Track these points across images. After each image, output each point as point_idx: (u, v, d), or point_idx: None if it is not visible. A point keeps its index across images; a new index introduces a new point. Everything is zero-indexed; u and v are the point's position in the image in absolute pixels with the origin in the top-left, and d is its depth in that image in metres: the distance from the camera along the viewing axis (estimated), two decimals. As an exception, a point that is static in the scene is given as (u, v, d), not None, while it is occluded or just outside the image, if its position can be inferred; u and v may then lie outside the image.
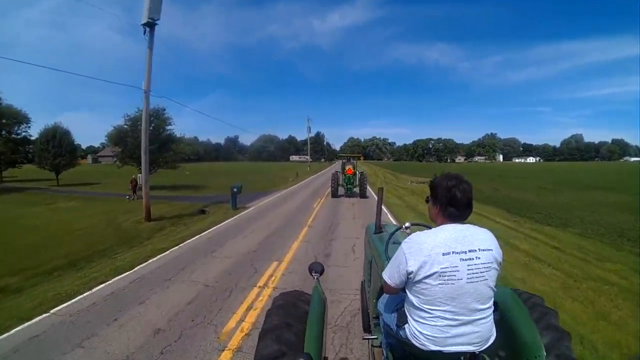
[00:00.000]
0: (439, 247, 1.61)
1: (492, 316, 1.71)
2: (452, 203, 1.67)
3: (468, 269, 1.60)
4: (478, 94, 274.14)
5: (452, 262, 1.59)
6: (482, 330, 1.66)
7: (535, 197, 22.44)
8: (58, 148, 33.58)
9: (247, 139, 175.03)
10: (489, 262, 1.64)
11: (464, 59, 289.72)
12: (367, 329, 3.13)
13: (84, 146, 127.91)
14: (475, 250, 1.62)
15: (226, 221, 13.02)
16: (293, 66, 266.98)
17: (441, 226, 1.71)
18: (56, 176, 35.01)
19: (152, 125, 28.74)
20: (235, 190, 16.34)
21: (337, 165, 42.29)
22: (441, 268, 1.59)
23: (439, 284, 1.60)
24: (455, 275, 1.59)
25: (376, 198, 4.15)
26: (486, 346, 1.69)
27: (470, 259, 1.61)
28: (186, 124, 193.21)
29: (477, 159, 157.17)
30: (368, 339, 2.77)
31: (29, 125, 37.92)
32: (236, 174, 53.40)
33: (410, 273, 1.65)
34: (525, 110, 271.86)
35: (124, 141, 28.06)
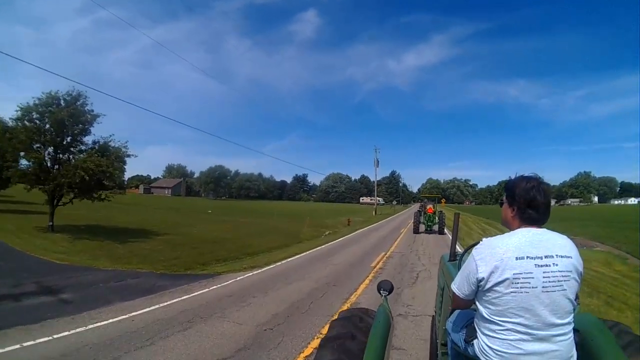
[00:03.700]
0: (512, 251, 1.46)
1: (572, 335, 1.50)
2: (531, 205, 1.53)
3: (544, 276, 1.43)
4: (562, 131, 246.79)
5: (526, 268, 1.43)
6: (561, 350, 1.44)
7: None
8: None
9: (318, 178, 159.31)
10: (567, 271, 1.46)
11: (545, 95, 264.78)
12: None
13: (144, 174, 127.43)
14: (553, 257, 1.46)
15: None
16: (369, 107, 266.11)
17: (515, 230, 1.56)
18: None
19: (51, 115, 14.13)
20: None
21: (414, 209, 39.99)
22: (514, 274, 1.43)
23: (511, 291, 1.44)
24: (529, 283, 1.43)
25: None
26: None
27: (546, 265, 1.44)
28: (263, 163, 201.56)
29: (569, 202, 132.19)
30: None
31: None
32: (267, 214, 39.05)
33: (480, 280, 1.50)
34: (616, 146, 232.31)
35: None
